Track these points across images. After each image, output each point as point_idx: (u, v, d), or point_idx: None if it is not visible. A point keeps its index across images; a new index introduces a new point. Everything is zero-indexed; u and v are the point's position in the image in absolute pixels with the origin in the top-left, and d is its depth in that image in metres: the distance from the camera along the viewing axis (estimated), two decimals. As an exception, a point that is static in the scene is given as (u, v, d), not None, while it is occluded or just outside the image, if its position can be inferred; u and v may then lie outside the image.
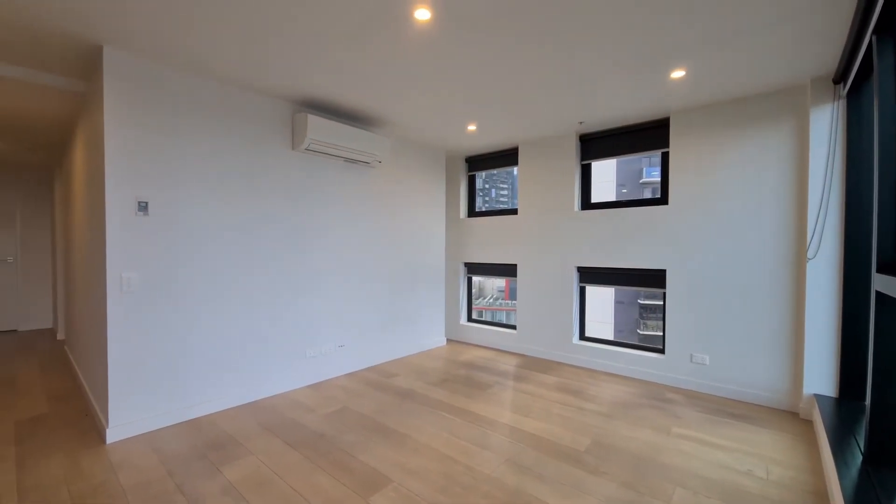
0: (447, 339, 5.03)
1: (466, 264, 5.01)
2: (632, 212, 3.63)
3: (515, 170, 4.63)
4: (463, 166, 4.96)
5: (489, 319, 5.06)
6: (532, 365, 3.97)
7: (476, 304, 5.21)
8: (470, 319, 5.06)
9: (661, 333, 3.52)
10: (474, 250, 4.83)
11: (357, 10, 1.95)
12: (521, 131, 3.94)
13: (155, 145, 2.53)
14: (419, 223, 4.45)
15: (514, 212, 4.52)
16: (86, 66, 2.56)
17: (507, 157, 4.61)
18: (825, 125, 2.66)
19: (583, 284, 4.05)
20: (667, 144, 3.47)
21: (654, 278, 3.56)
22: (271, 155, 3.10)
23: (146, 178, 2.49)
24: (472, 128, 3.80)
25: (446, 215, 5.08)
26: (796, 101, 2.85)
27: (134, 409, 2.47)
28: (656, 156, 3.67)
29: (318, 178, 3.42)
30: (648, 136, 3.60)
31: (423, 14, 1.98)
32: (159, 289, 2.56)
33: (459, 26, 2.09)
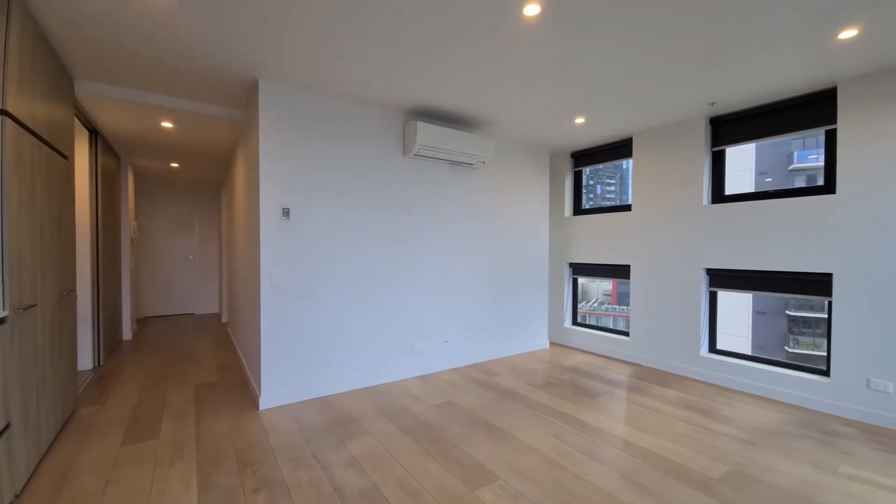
0: (550, 342, 4.86)
1: (571, 265, 4.77)
2: (780, 204, 3.06)
3: (625, 163, 4.27)
4: (568, 162, 4.75)
5: (593, 324, 4.74)
6: (648, 376, 3.61)
7: (578, 307, 4.93)
8: (575, 323, 4.82)
9: (825, 353, 2.88)
10: (580, 250, 4.59)
11: (468, 18, 2.01)
12: (637, 120, 3.61)
13: (295, 158, 2.95)
14: (522, 222, 4.38)
15: (626, 208, 4.17)
16: (245, 98, 3.11)
17: (619, 149, 4.27)
18: None
19: (713, 289, 3.54)
20: (833, 120, 2.84)
21: (814, 284, 2.94)
22: (385, 162, 3.37)
23: (288, 188, 2.92)
24: (579, 121, 3.61)
25: (550, 214, 4.92)
26: None
27: (279, 384, 2.91)
28: (814, 136, 3.03)
29: (425, 181, 3.61)
30: (805, 111, 2.99)
31: (532, 10, 1.95)
32: (297, 283, 2.97)
33: (571, 16, 2.01)
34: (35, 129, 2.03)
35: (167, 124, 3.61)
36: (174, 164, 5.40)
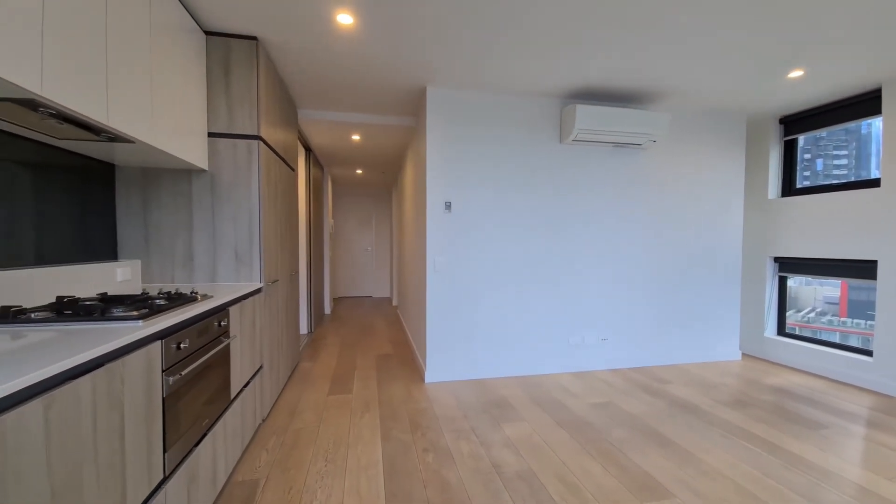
0: (742, 354, 4.00)
1: (778, 259, 3.81)
2: None
3: (865, 125, 3.16)
4: (775, 130, 3.79)
5: (810, 337, 3.68)
6: (908, 414, 2.61)
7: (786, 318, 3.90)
8: (781, 333, 3.84)
9: None
10: (792, 240, 3.62)
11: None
12: (892, 62, 2.62)
13: (456, 155, 3.16)
14: (706, 208, 3.71)
15: (870, 184, 3.09)
16: (414, 105, 3.49)
17: (858, 105, 3.19)
18: None
19: None
20: None
21: None
22: (541, 151, 3.31)
23: (450, 183, 3.16)
24: (795, 74, 2.83)
25: (746, 196, 4.02)
26: None
27: (441, 362, 3.20)
28: None
29: (584, 167, 3.40)
30: None
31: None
32: (456, 271, 3.20)
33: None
34: (276, 150, 2.71)
35: (356, 137, 4.34)
36: (359, 171, 6.46)
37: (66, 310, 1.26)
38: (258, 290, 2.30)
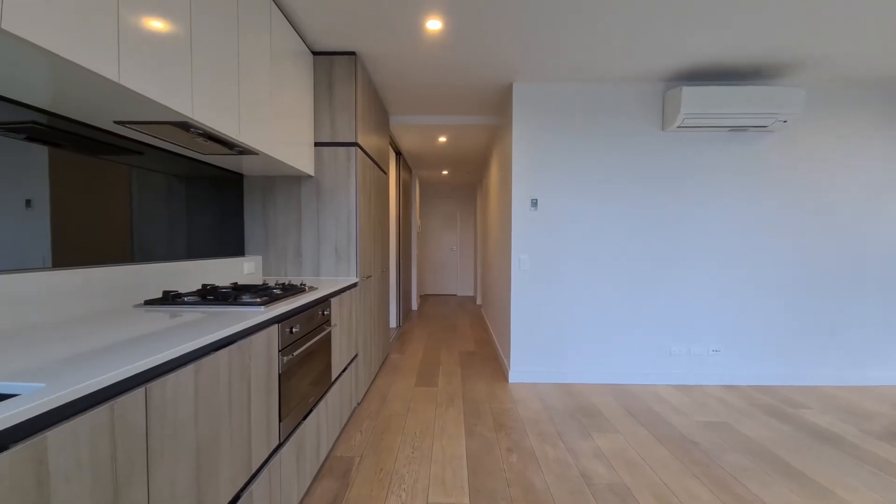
0: (908, 380, 3.21)
1: (962, 263, 2.99)
2: None
3: None
4: (957, 100, 2.98)
5: None
6: None
7: None
8: (969, 357, 3.00)
9: None
10: None
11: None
12: None
13: (543, 150, 3.08)
14: (859, 197, 3.06)
15: None
16: (500, 103, 3.47)
17: None
18: None
19: None
20: None
21: None
22: (639, 141, 3.05)
23: (536, 179, 3.08)
24: None
25: (911, 185, 3.23)
26: None
27: (525, 363, 3.14)
28: None
29: (692, 156, 3.05)
30: None
31: None
32: (542, 269, 3.11)
33: None
34: (371, 154, 2.92)
35: (442, 139, 4.47)
36: (444, 172, 6.64)
37: (209, 295, 1.51)
38: (354, 285, 2.50)
